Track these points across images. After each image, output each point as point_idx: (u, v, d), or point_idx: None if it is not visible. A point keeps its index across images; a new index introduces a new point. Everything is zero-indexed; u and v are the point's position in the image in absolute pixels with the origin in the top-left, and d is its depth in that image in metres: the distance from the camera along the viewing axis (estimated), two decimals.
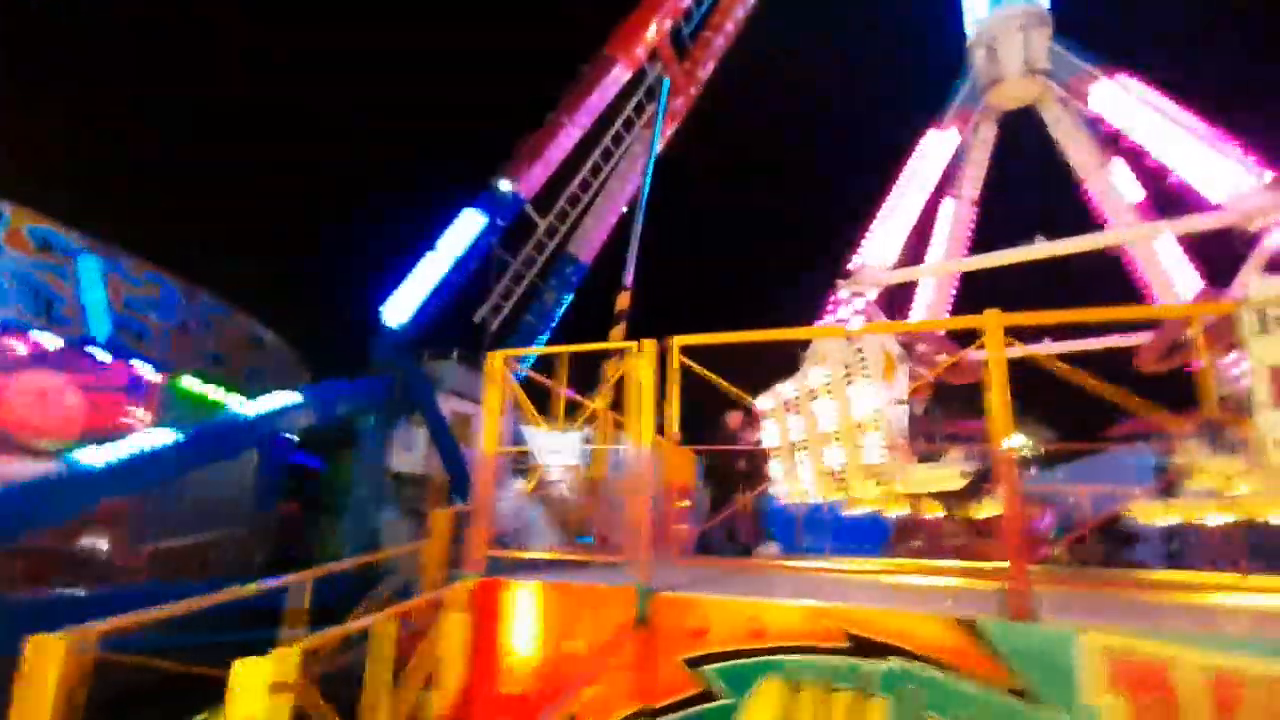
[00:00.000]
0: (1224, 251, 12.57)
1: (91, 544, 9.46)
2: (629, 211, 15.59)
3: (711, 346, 5.02)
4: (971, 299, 18.01)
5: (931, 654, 3.55)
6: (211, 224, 36.60)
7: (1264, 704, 2.93)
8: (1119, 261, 15.76)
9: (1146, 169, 14.52)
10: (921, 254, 16.99)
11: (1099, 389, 4.21)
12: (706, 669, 3.96)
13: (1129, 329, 14.33)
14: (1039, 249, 13.41)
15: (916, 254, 16.52)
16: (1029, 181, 18.82)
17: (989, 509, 8.80)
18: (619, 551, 5.21)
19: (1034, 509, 10.33)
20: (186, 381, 11.03)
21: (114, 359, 9.98)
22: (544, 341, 15.28)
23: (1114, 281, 15.93)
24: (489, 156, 14.22)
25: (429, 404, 12.18)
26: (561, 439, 6.75)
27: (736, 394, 5.53)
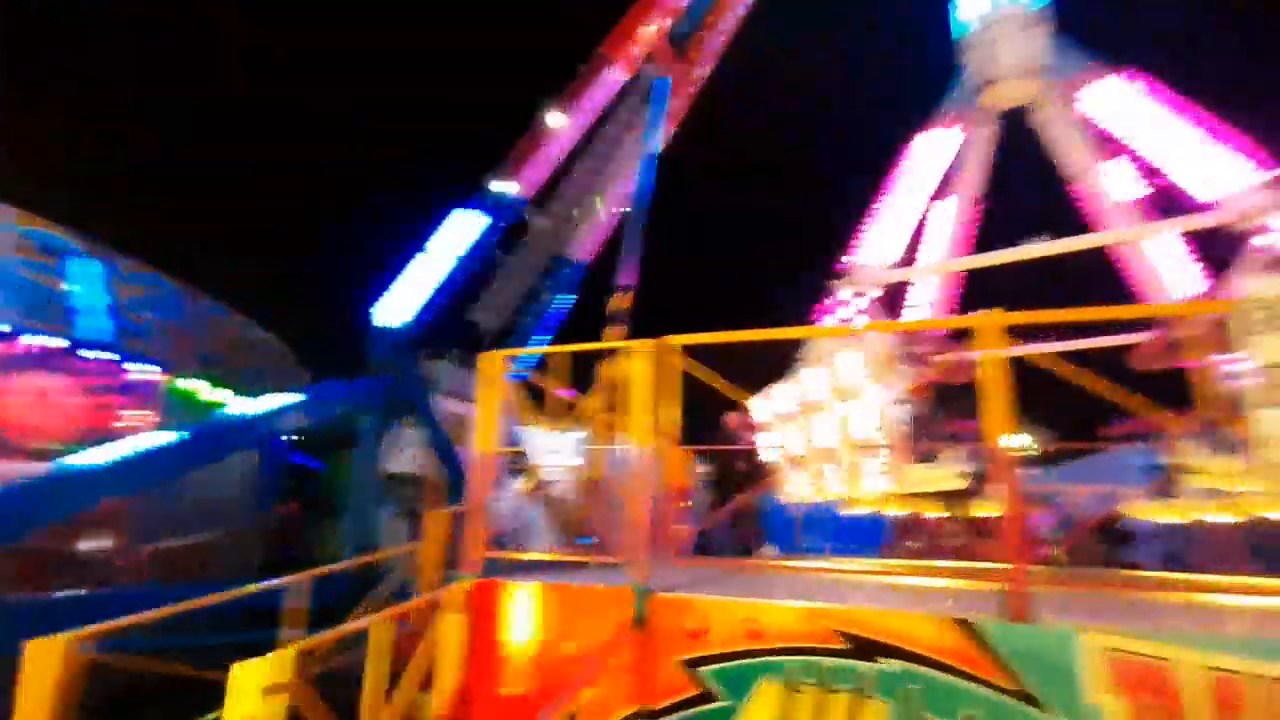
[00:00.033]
0: (1221, 250, 12.58)
1: (90, 545, 9.43)
2: (627, 212, 15.57)
3: (710, 346, 5.00)
4: (972, 298, 18.03)
5: (931, 655, 3.54)
6: (209, 224, 36.60)
7: (1265, 705, 2.93)
8: (1117, 260, 15.76)
9: (1142, 168, 14.52)
10: (921, 253, 16.98)
11: (1097, 388, 4.20)
12: (704, 670, 3.94)
13: (1127, 328, 14.32)
14: (1037, 248, 13.42)
15: (914, 254, 16.52)
16: (1027, 181, 18.82)
17: (988, 509, 8.79)
18: (617, 552, 5.20)
19: (1033, 509, 10.33)
20: (184, 383, 11.00)
21: (113, 360, 9.95)
22: (541, 342, 15.27)
23: (1112, 281, 15.94)
24: (487, 157, 14.22)
25: (426, 404, 12.16)
26: (559, 439, 6.73)
27: (733, 394, 5.52)
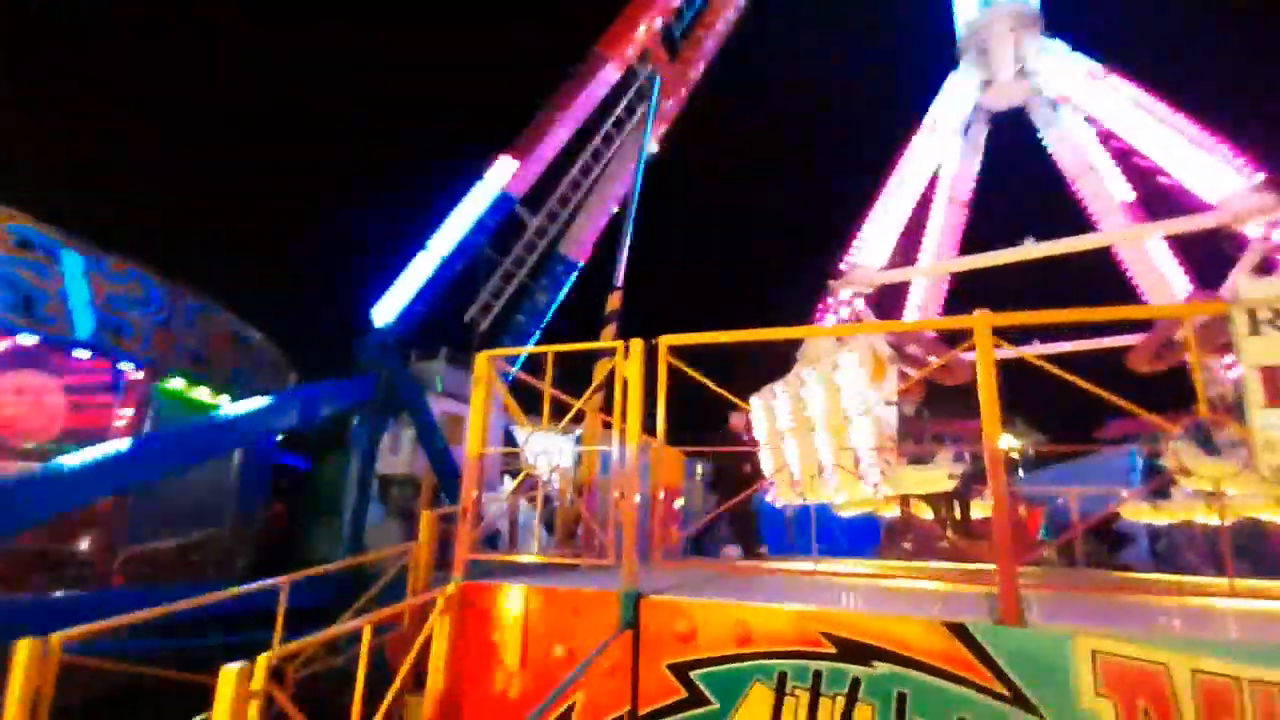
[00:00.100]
0: (1214, 253, 12.60)
1: (71, 546, 9.32)
2: (621, 211, 15.54)
3: (704, 346, 4.95)
4: (963, 299, 18.03)
5: (922, 659, 3.50)
6: (198, 222, 36.45)
7: (1258, 709, 2.90)
8: (1111, 262, 15.80)
9: (1137, 170, 14.55)
10: (913, 254, 16.98)
11: (1090, 390, 4.17)
12: (693, 674, 3.90)
13: (1121, 329, 14.35)
14: (1030, 249, 13.41)
15: (908, 254, 16.51)
16: (1023, 181, 18.86)
17: (979, 510, 8.79)
18: (606, 554, 5.15)
19: (1024, 510, 10.34)
20: (171, 382, 10.89)
21: (96, 357, 9.84)
22: (535, 341, 15.21)
23: (1106, 282, 15.96)
24: (481, 155, 14.15)
25: (417, 404, 12.08)
26: (552, 440, 6.68)
27: (725, 395, 5.47)
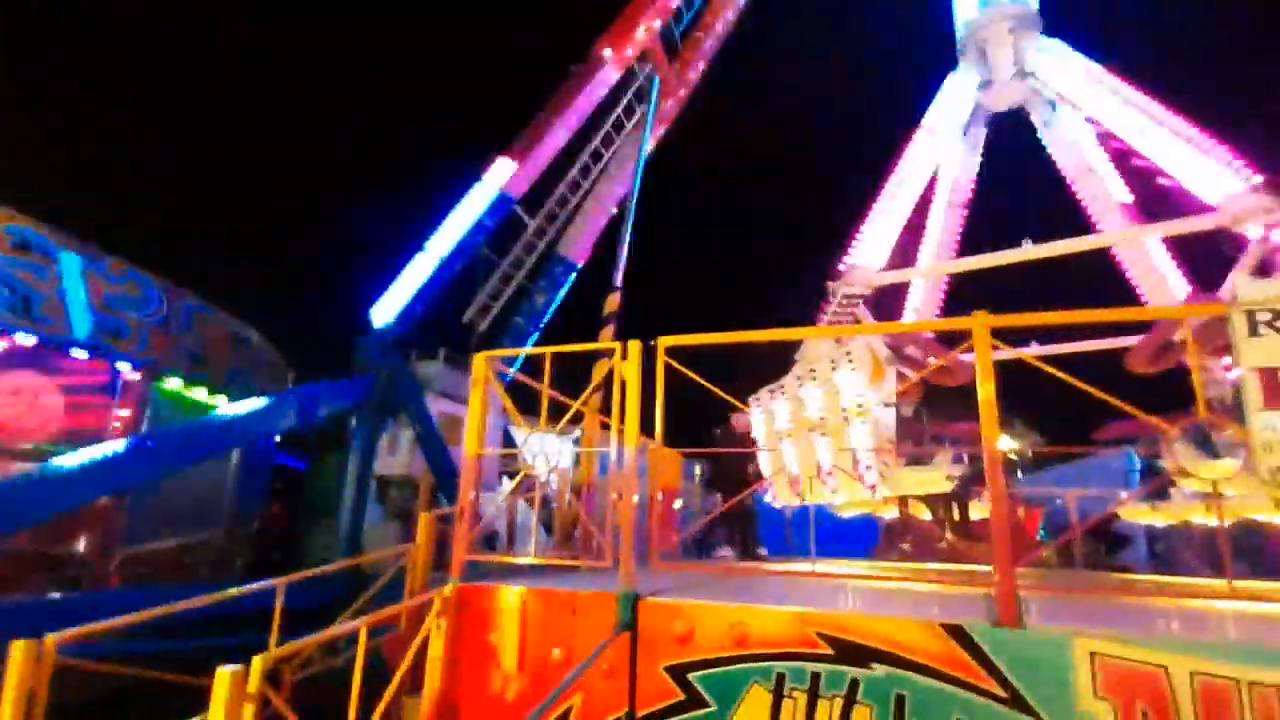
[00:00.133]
0: (1213, 254, 12.60)
1: (68, 547, 9.31)
2: (620, 213, 15.52)
3: (704, 347, 4.94)
4: (962, 301, 18.03)
5: (920, 660, 3.49)
6: (197, 222, 36.40)
7: (1257, 711, 2.89)
8: (1110, 263, 15.80)
9: (1135, 171, 14.55)
10: (912, 255, 16.98)
11: (1088, 391, 4.17)
12: (690, 676, 3.89)
13: (1120, 331, 14.34)
14: (1029, 251, 13.41)
15: (907, 256, 16.50)
16: (1022, 182, 18.86)
17: (977, 511, 8.79)
18: (604, 555, 5.14)
19: (1023, 512, 10.33)
20: (168, 382, 10.87)
21: (93, 358, 9.82)
22: (533, 343, 15.20)
23: (1105, 283, 15.96)
24: (479, 155, 14.14)
25: (416, 405, 12.06)
26: (550, 441, 6.67)
27: (724, 395, 5.47)
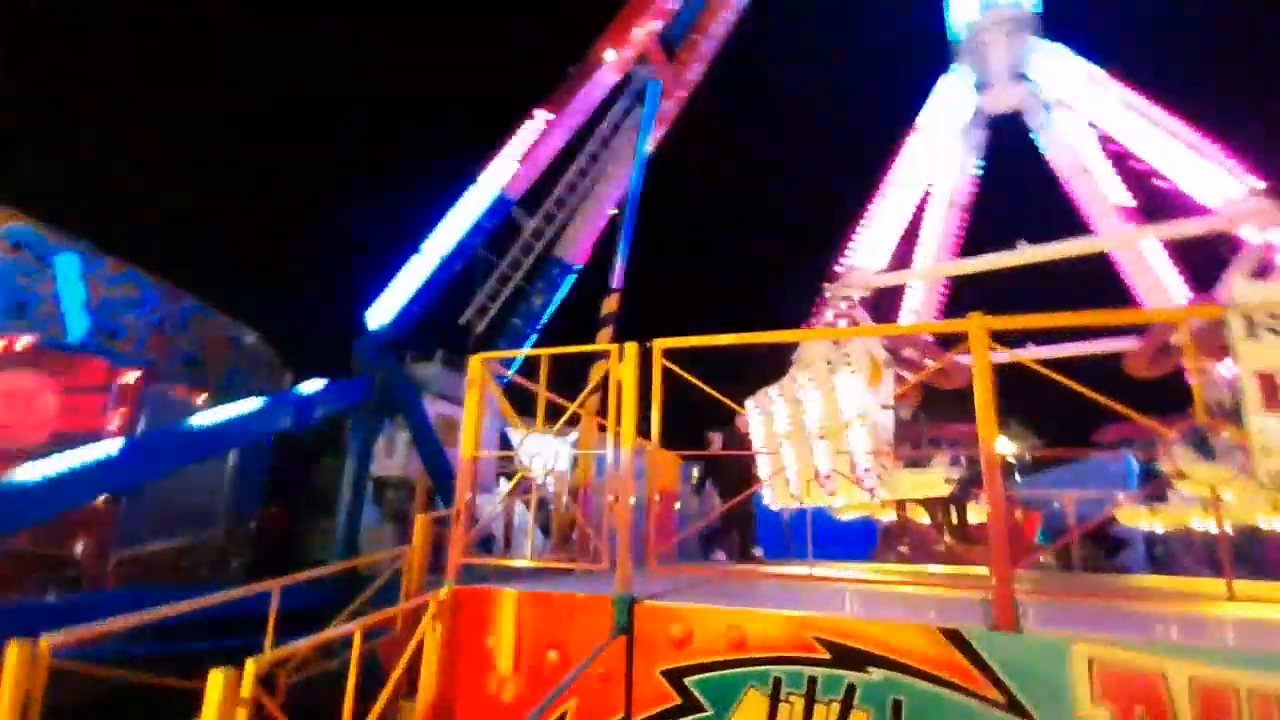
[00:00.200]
0: (1211, 257, 12.61)
1: (65, 548, 9.27)
2: (618, 214, 15.51)
3: (703, 349, 4.93)
4: (960, 303, 18.03)
5: (918, 665, 3.48)
6: (196, 222, 36.37)
7: (1255, 716, 2.88)
8: (1107, 266, 15.81)
9: (1133, 174, 14.57)
10: (910, 257, 16.98)
11: (1086, 394, 4.16)
12: (687, 680, 3.87)
13: (1118, 333, 14.35)
14: (1026, 253, 13.41)
15: (904, 257, 16.51)
16: (1020, 184, 18.87)
17: (975, 514, 8.79)
18: (601, 558, 5.13)
19: (1021, 515, 10.33)
20: (166, 383, 10.84)
21: (89, 359, 9.80)
22: (531, 344, 15.17)
23: (1103, 286, 15.97)
24: (477, 156, 14.12)
25: (413, 406, 12.03)
26: (547, 443, 6.65)
27: (721, 398, 5.45)
